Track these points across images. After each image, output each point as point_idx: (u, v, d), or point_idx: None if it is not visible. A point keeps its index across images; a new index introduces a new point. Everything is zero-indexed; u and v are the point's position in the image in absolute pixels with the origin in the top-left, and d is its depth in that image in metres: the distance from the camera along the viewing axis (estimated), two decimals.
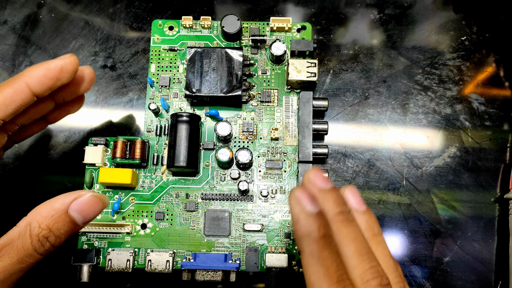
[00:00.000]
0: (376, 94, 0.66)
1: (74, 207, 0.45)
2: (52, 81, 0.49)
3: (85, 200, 0.45)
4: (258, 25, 0.65)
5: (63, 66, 0.49)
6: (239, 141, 0.61)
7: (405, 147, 0.64)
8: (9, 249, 0.44)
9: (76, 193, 0.45)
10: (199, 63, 0.60)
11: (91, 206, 0.46)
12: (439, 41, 0.68)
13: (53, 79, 0.49)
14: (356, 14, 0.69)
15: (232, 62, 0.60)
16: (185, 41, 0.65)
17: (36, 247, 0.44)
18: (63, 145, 0.65)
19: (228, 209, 0.60)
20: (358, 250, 0.40)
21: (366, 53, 0.68)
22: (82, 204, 0.45)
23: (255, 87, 0.63)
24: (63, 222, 0.44)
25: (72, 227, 0.45)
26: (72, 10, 0.70)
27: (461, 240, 0.62)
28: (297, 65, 0.60)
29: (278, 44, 0.61)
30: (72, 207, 0.45)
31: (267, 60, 0.63)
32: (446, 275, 0.61)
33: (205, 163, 0.61)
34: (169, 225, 0.59)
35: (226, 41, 0.64)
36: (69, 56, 0.49)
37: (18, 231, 0.44)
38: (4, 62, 0.68)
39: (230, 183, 0.60)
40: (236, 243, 0.59)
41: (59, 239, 0.45)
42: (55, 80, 0.49)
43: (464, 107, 0.65)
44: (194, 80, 0.60)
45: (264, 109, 0.62)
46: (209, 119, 0.62)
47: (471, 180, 0.63)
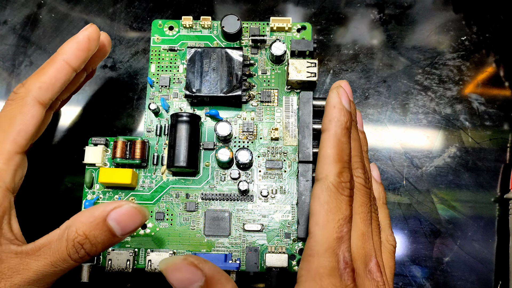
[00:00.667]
0: (376, 94, 0.66)
1: (113, 216, 0.44)
2: (85, 53, 0.52)
3: (124, 210, 0.45)
4: (258, 25, 0.65)
5: (89, 35, 0.52)
6: (239, 141, 0.61)
7: (405, 147, 0.64)
8: (46, 250, 0.44)
9: (117, 202, 0.45)
10: (199, 63, 0.60)
11: (130, 217, 0.45)
12: (439, 41, 0.68)
13: (85, 50, 0.52)
14: (356, 14, 0.69)
15: (232, 62, 0.60)
16: (185, 41, 0.65)
17: (70, 252, 0.44)
18: (63, 145, 0.65)
19: (228, 209, 0.60)
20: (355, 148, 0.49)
21: (366, 53, 0.68)
22: (121, 214, 0.45)
23: (255, 87, 0.63)
24: (101, 231, 0.44)
25: (110, 237, 0.45)
26: (72, 10, 0.70)
27: (461, 240, 0.62)
28: (297, 65, 0.60)
29: (278, 44, 0.61)
30: (111, 216, 0.44)
31: (267, 60, 0.63)
32: (446, 275, 0.61)
33: (205, 163, 0.61)
34: (169, 225, 0.59)
35: (226, 41, 0.64)
36: (90, 26, 0.52)
37: (58, 233, 0.45)
38: (4, 62, 0.68)
39: (230, 183, 0.60)
40: (236, 243, 0.59)
41: (95, 247, 0.45)
42: (87, 50, 0.52)
43: (464, 107, 0.65)
44: (194, 80, 0.60)
45: (264, 109, 0.62)
46: (209, 119, 0.62)
47: (471, 180, 0.64)
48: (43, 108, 0.50)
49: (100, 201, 0.60)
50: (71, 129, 0.65)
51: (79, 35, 0.52)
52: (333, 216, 0.43)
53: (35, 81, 0.50)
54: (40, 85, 0.50)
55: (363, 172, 0.48)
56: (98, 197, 0.60)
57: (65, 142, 0.64)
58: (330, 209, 0.43)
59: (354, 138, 0.49)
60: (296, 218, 0.58)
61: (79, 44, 0.51)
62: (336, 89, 0.46)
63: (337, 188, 0.43)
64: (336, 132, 0.45)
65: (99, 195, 0.60)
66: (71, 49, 0.51)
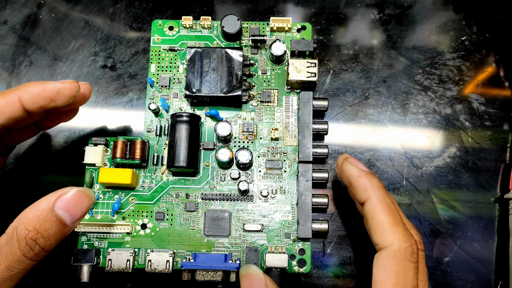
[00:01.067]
0: (376, 94, 0.66)
1: (59, 205, 0.44)
2: (45, 101, 0.50)
3: (70, 197, 0.45)
4: (258, 25, 0.65)
5: (60, 90, 0.50)
6: (239, 141, 0.61)
7: (405, 147, 0.64)
8: None
9: (60, 191, 0.45)
10: (199, 63, 0.61)
11: (76, 202, 0.45)
12: (439, 41, 0.68)
13: (46, 100, 0.50)
14: (356, 14, 0.69)
15: (232, 62, 0.60)
16: (185, 41, 0.65)
17: (24, 251, 0.43)
18: (63, 145, 0.65)
19: (228, 209, 0.60)
20: None
21: (366, 53, 0.68)
22: (67, 201, 0.44)
23: (255, 87, 0.63)
24: (50, 222, 0.44)
25: (61, 227, 0.44)
26: (72, 10, 0.70)
27: (461, 240, 0.62)
28: (297, 65, 0.60)
29: (278, 44, 0.61)
30: (57, 205, 0.44)
31: (267, 60, 0.63)
32: (446, 275, 0.61)
33: (205, 163, 0.61)
34: (169, 225, 0.59)
35: (226, 41, 0.64)
36: (71, 82, 0.51)
37: (5, 238, 0.44)
38: (4, 62, 0.68)
39: (230, 183, 0.60)
40: (236, 243, 0.59)
41: (49, 241, 0.44)
42: (49, 101, 0.50)
43: (464, 107, 0.65)
44: (194, 80, 0.60)
45: (264, 109, 0.62)
46: (209, 119, 0.62)
47: (471, 180, 0.64)
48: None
49: (100, 201, 0.60)
50: (71, 129, 0.65)
51: (50, 84, 0.50)
52: None
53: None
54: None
55: (417, 233, 0.48)
56: (98, 197, 0.60)
57: (65, 142, 0.64)
58: (398, 280, 0.44)
59: None
60: (296, 218, 0.58)
61: (44, 91, 0.50)
62: (346, 160, 0.50)
63: (405, 255, 0.44)
64: (379, 196, 0.47)
65: (99, 195, 0.60)
66: (32, 91, 0.50)
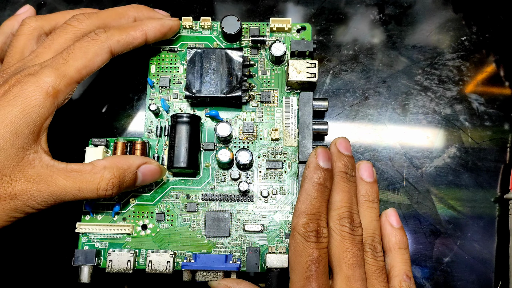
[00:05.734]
0: (376, 95, 0.66)
1: (143, 169, 0.55)
2: (161, 35, 0.61)
3: (152, 167, 0.56)
4: (258, 25, 0.65)
5: (172, 27, 0.62)
6: (239, 141, 0.61)
7: (405, 147, 0.65)
8: (76, 175, 0.50)
9: (146, 158, 0.56)
10: (199, 64, 0.61)
11: (153, 174, 0.56)
12: (439, 41, 0.68)
13: (162, 34, 0.61)
14: (356, 14, 0.69)
15: (232, 63, 0.60)
16: (185, 42, 0.65)
17: (101, 187, 0.51)
18: (63, 145, 0.64)
19: (228, 209, 0.60)
20: (345, 199, 0.53)
21: (366, 53, 0.68)
22: (148, 169, 0.56)
23: (255, 88, 0.63)
24: (130, 177, 0.54)
25: (132, 184, 0.55)
26: None
27: (461, 240, 0.62)
28: (297, 65, 0.60)
29: (278, 44, 0.61)
30: (141, 168, 0.55)
31: (267, 60, 0.63)
32: (446, 275, 0.61)
33: (205, 163, 0.61)
34: (169, 225, 0.59)
35: (226, 42, 0.64)
36: (177, 20, 0.63)
37: (90, 167, 0.52)
38: None
39: (231, 183, 0.60)
40: (237, 244, 0.59)
41: (119, 189, 0.53)
42: (163, 35, 0.61)
43: (464, 107, 0.65)
44: (194, 81, 0.60)
45: (264, 109, 0.62)
46: (209, 119, 0.62)
47: (471, 180, 0.64)
48: (110, 57, 0.57)
49: (100, 201, 0.60)
50: (71, 130, 0.65)
51: (166, 21, 0.61)
52: (300, 259, 0.50)
53: (117, 34, 0.56)
54: (119, 39, 0.56)
55: (350, 221, 0.52)
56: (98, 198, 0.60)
57: (65, 142, 0.64)
58: (298, 253, 0.50)
59: (344, 190, 0.54)
60: None
61: (162, 27, 0.60)
62: (315, 150, 0.54)
63: (302, 237, 0.50)
64: (305, 188, 0.52)
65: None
66: (155, 26, 0.60)
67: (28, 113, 0.48)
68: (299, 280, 0.49)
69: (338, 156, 0.55)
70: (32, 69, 0.51)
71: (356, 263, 0.50)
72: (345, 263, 0.50)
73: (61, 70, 0.51)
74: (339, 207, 0.53)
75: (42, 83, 0.49)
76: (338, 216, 0.52)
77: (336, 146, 0.56)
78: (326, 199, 0.52)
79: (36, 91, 0.49)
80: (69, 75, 0.51)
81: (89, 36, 0.55)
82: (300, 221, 0.50)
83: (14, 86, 0.49)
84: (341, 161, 0.55)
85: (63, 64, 0.51)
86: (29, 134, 0.49)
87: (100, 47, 0.54)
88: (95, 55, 0.54)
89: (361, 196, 0.57)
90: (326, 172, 0.53)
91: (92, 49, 0.54)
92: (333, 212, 0.53)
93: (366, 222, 0.55)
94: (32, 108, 0.49)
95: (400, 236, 0.56)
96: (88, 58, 0.53)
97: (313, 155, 0.53)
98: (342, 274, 0.50)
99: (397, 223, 0.57)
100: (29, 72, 0.50)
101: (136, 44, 0.58)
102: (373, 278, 0.52)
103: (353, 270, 0.50)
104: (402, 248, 0.56)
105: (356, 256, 0.51)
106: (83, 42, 0.54)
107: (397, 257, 0.55)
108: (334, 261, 0.51)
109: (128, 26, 0.58)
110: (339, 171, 0.54)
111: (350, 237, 0.51)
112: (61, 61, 0.51)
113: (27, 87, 0.49)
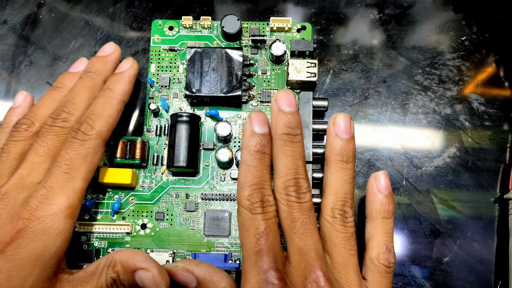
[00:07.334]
0: (376, 94, 0.66)
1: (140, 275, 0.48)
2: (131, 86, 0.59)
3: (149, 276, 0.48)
4: (258, 25, 0.65)
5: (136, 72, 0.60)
6: (239, 141, 0.61)
7: (405, 147, 0.64)
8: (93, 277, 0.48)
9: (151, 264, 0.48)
10: (199, 63, 0.61)
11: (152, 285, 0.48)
12: (439, 41, 0.68)
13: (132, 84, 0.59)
14: (356, 14, 0.69)
15: (232, 62, 0.60)
16: (185, 41, 0.65)
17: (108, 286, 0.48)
18: None
19: (228, 209, 0.60)
20: (288, 164, 0.49)
21: (366, 53, 0.68)
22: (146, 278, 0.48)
23: (255, 87, 0.63)
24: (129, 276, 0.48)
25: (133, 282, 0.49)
26: (72, 10, 0.70)
27: (460, 240, 0.62)
28: (297, 65, 0.60)
29: (278, 44, 0.61)
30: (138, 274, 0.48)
31: (267, 60, 0.64)
32: (445, 275, 0.61)
33: (205, 163, 0.61)
34: (169, 225, 0.59)
35: (226, 41, 0.65)
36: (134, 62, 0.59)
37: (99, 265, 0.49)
38: (4, 62, 0.68)
39: (230, 183, 0.60)
40: (236, 243, 0.59)
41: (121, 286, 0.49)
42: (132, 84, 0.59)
43: (464, 107, 0.65)
44: (194, 80, 0.60)
45: (264, 109, 0.62)
46: (209, 119, 0.62)
47: (471, 180, 0.63)
48: None
49: (100, 201, 0.60)
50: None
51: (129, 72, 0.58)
52: (248, 233, 0.48)
53: (105, 124, 0.54)
54: (108, 127, 0.54)
55: (296, 189, 0.49)
56: (98, 197, 0.60)
57: None
58: (245, 228, 0.48)
59: (287, 154, 0.50)
60: None
61: (131, 84, 0.58)
62: (249, 115, 0.51)
63: (247, 209, 0.48)
64: (243, 159, 0.50)
65: (99, 195, 0.60)
66: (127, 90, 0.58)
67: (52, 243, 0.47)
68: (250, 256, 0.47)
69: (278, 114, 0.51)
70: (40, 196, 0.48)
71: (306, 232, 0.48)
72: (295, 233, 0.48)
73: (69, 187, 0.49)
74: (283, 175, 0.49)
75: (57, 210, 0.48)
76: (283, 185, 0.49)
77: (276, 102, 0.51)
78: (267, 166, 0.50)
79: (54, 220, 0.47)
80: (78, 187, 0.50)
81: (77, 137, 0.51)
82: (243, 194, 0.48)
83: (30, 220, 0.47)
84: (281, 120, 0.50)
85: (68, 179, 0.50)
86: (55, 263, 0.48)
87: (94, 146, 0.52)
88: (94, 156, 0.53)
89: (333, 155, 0.52)
90: (263, 137, 0.49)
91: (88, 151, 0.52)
92: (278, 181, 0.50)
93: (338, 185, 0.52)
94: (55, 237, 0.47)
95: (387, 203, 0.53)
96: (88, 162, 0.52)
97: (247, 122, 0.50)
98: (294, 246, 0.48)
99: (385, 189, 0.53)
100: (38, 200, 0.48)
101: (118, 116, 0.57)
102: (341, 246, 0.50)
103: (304, 240, 0.47)
104: (385, 217, 0.52)
105: (306, 224, 0.48)
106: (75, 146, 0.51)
107: (379, 226, 0.52)
108: (285, 233, 0.49)
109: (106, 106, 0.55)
110: (280, 134, 0.50)
111: (297, 205, 0.48)
112: (64, 177, 0.49)
113: (44, 219, 0.47)
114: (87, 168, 0.51)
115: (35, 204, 0.47)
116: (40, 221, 0.47)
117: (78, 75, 0.58)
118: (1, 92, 0.67)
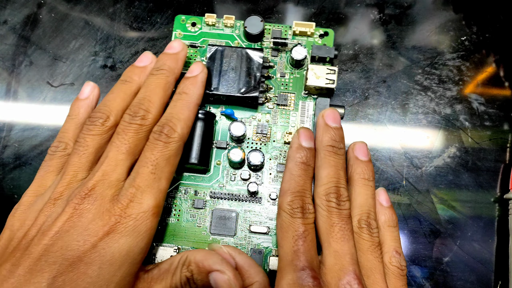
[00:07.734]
0: (376, 94, 0.66)
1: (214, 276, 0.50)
2: None
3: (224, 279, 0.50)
4: (280, 28, 0.65)
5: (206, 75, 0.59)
6: (252, 142, 0.61)
7: (405, 147, 0.65)
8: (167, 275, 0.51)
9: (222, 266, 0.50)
10: (219, 62, 0.60)
11: None
12: (439, 41, 0.68)
13: None
14: (356, 14, 0.69)
15: (251, 63, 0.60)
16: (206, 38, 0.65)
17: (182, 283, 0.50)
18: None
19: (235, 209, 0.59)
20: (331, 174, 0.53)
21: (366, 53, 0.68)
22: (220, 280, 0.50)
23: (273, 90, 0.63)
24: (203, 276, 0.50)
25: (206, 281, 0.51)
26: (72, 10, 0.69)
27: (460, 240, 0.62)
28: (316, 70, 0.59)
29: (299, 48, 0.61)
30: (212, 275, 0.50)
31: (286, 63, 0.63)
32: (445, 275, 0.62)
33: (216, 161, 0.61)
34: (175, 220, 0.59)
35: (248, 42, 0.64)
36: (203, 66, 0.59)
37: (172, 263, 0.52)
38: (4, 62, 0.67)
39: (240, 183, 0.60)
40: (241, 244, 0.58)
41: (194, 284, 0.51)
42: None
43: (464, 107, 0.66)
44: (213, 78, 0.60)
45: (279, 112, 0.62)
46: (224, 118, 0.62)
47: (471, 180, 0.64)
48: None
49: None
50: None
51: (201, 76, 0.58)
52: (287, 234, 0.50)
53: (185, 127, 0.55)
54: (188, 130, 0.55)
55: (336, 196, 0.51)
56: None
57: None
58: (285, 230, 0.50)
59: (330, 164, 0.53)
60: None
61: (204, 87, 0.58)
62: (297, 131, 0.55)
63: (288, 213, 0.51)
64: (288, 168, 0.54)
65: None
66: (201, 94, 0.58)
67: (141, 240, 0.49)
68: (287, 254, 0.49)
69: (324, 129, 0.55)
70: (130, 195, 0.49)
71: (344, 237, 0.50)
72: (332, 237, 0.50)
73: (155, 187, 0.50)
74: (326, 183, 0.53)
75: (146, 208, 0.49)
76: (325, 191, 0.52)
77: (323, 118, 0.56)
78: (310, 177, 0.53)
79: (144, 218, 0.49)
80: (163, 188, 0.51)
81: (160, 139, 0.52)
82: (285, 200, 0.51)
83: (121, 217, 0.48)
84: (327, 134, 0.55)
85: (154, 180, 0.51)
86: (141, 259, 0.50)
87: (177, 148, 0.53)
88: (176, 158, 0.54)
89: (356, 174, 0.56)
90: (309, 151, 0.54)
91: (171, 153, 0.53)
92: (319, 188, 0.53)
93: (362, 199, 0.55)
94: (143, 234, 0.49)
95: (390, 214, 0.57)
96: (171, 163, 0.53)
97: (295, 136, 0.55)
98: (330, 249, 0.49)
99: (386, 202, 0.58)
100: (129, 199, 0.49)
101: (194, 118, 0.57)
102: (369, 253, 0.52)
103: (341, 244, 0.50)
104: (391, 226, 0.57)
105: (344, 230, 0.50)
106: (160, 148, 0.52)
107: (387, 234, 0.56)
108: (322, 237, 0.51)
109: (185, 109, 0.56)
110: (326, 145, 0.54)
111: (337, 211, 0.51)
112: (151, 177, 0.51)
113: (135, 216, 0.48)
114: (170, 169, 0.52)
115: (126, 202, 0.49)
116: (131, 218, 0.48)
117: (145, 70, 0.58)
118: (1, 92, 0.67)
